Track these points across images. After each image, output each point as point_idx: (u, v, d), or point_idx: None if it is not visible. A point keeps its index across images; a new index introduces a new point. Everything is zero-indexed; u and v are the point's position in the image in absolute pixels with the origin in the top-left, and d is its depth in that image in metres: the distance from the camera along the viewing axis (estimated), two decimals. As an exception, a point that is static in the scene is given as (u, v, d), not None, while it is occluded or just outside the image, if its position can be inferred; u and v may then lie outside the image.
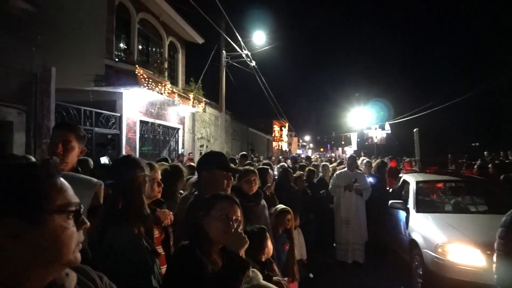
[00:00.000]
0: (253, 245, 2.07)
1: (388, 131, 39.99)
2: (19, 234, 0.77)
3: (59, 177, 0.87)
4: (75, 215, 0.86)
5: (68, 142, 2.07)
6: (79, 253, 0.88)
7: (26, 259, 0.79)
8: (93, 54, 8.46)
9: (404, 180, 6.75)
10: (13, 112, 5.53)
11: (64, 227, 0.83)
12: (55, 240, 0.81)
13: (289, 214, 3.65)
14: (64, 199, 0.84)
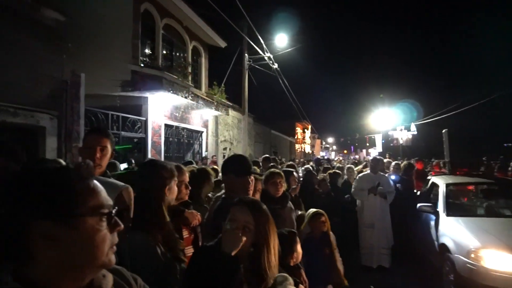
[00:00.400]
0: (282, 249, 2.06)
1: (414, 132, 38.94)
2: (54, 236, 0.79)
3: (93, 180, 0.88)
4: (108, 217, 0.86)
5: (104, 147, 2.15)
6: (113, 255, 0.89)
7: (61, 261, 0.80)
8: (120, 60, 8.70)
9: (433, 182, 6.54)
10: (46, 118, 5.76)
11: (97, 229, 0.83)
12: (88, 242, 0.82)
13: (323, 217, 3.56)
14: (97, 201, 0.85)
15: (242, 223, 1.57)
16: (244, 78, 14.31)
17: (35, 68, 5.61)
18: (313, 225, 3.53)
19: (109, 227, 0.87)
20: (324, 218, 3.56)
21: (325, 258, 3.40)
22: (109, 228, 0.87)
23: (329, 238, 3.52)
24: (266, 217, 1.64)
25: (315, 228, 3.53)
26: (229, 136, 16.15)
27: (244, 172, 2.31)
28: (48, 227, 0.78)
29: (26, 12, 5.46)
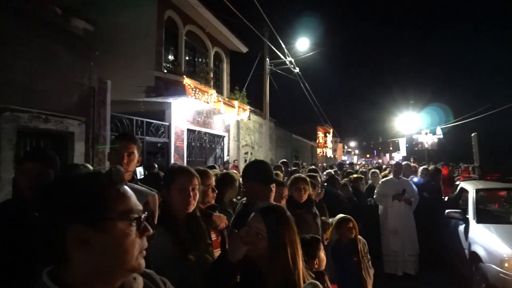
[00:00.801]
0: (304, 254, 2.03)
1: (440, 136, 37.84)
2: (86, 240, 0.81)
3: (123, 185, 0.90)
4: (138, 222, 0.88)
5: (132, 153, 2.20)
6: (143, 260, 0.90)
7: (93, 264, 0.82)
8: (144, 66, 8.91)
9: (462, 188, 6.32)
10: (75, 123, 5.95)
11: (127, 233, 0.85)
12: (118, 246, 0.84)
13: (350, 222, 3.43)
14: (126, 206, 0.87)
15: (254, 230, 1.54)
16: (265, 82, 14.34)
17: (64, 76, 5.82)
18: (340, 231, 3.44)
19: (139, 231, 0.88)
20: (351, 224, 3.44)
21: (353, 266, 3.30)
22: (139, 233, 0.88)
23: (357, 245, 3.39)
24: (282, 224, 1.57)
25: (342, 234, 3.43)
26: (251, 140, 16.19)
27: (265, 180, 2.27)
28: (81, 230, 0.81)
29: (57, 22, 5.68)
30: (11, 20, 4.93)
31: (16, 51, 4.99)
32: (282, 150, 22.65)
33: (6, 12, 4.85)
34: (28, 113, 5.09)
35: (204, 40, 12.44)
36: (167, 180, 1.98)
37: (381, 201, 6.01)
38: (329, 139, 46.27)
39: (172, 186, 1.93)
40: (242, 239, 1.52)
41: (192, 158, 10.90)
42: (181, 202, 1.90)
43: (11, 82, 4.92)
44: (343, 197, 5.77)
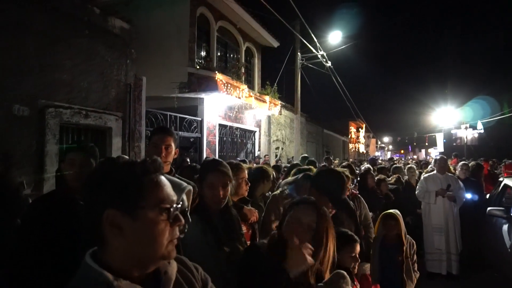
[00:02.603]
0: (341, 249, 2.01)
1: (481, 131, 35.93)
2: (119, 225, 0.86)
3: (158, 174, 0.93)
4: (169, 212, 0.90)
5: (169, 145, 2.26)
6: (174, 248, 0.93)
7: (126, 249, 0.87)
8: (177, 63, 9.10)
9: (505, 184, 5.98)
10: (112, 119, 6.20)
11: (157, 222, 0.88)
12: (147, 233, 0.87)
13: (394, 220, 3.27)
14: (159, 195, 0.90)
15: (306, 223, 1.60)
16: (297, 77, 14.21)
17: (103, 74, 6.07)
18: (385, 228, 3.33)
19: (170, 221, 0.91)
20: (395, 221, 3.27)
21: (396, 266, 3.18)
22: (169, 222, 0.91)
23: (402, 244, 3.24)
24: (327, 219, 1.68)
25: (387, 231, 3.32)
26: (282, 135, 16.15)
27: (335, 199, 2.25)
28: (115, 216, 0.85)
29: (96, 22, 5.92)
30: (53, 21, 5.19)
31: (58, 51, 5.26)
32: (313, 145, 22.42)
33: (49, 14, 5.11)
34: (70, 109, 5.36)
35: (235, 36, 12.51)
36: (200, 174, 2.04)
37: (423, 197, 5.80)
38: (362, 134, 45.26)
39: (203, 183, 2.00)
40: (309, 253, 1.55)
41: (224, 153, 11.03)
42: (211, 198, 1.97)
43: (55, 80, 5.19)
44: (378, 193, 5.62)
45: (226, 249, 1.85)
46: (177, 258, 1.06)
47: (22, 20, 4.73)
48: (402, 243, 3.24)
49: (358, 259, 2.19)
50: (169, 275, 0.96)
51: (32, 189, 4.65)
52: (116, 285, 0.82)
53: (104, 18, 6.14)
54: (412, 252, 3.38)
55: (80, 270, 0.87)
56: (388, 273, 3.18)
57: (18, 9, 4.71)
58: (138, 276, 0.89)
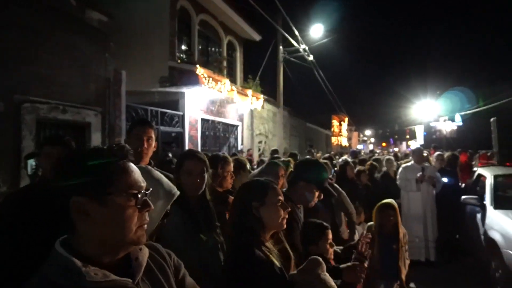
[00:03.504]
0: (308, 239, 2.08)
1: (459, 123, 36.88)
2: (87, 212, 0.87)
3: (126, 161, 0.94)
4: (137, 197, 0.91)
5: (151, 137, 2.26)
6: (144, 234, 0.94)
7: (95, 235, 0.88)
8: (158, 57, 8.98)
9: (479, 174, 6.21)
10: (91, 114, 6.09)
11: (124, 207, 0.89)
12: (115, 219, 0.88)
13: (390, 210, 3.34)
14: (126, 181, 0.91)
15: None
16: (279, 71, 14.26)
17: (81, 67, 5.94)
18: (380, 218, 3.39)
19: (138, 207, 0.92)
20: (394, 211, 3.35)
21: (392, 254, 3.28)
22: (138, 208, 0.92)
23: (398, 233, 3.33)
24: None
25: (382, 221, 3.38)
26: (264, 129, 16.20)
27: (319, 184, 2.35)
28: (82, 202, 0.86)
29: (73, 14, 5.78)
30: (29, 13, 5.04)
31: (34, 44, 5.12)
32: (296, 139, 22.58)
33: (24, 6, 4.96)
34: (47, 104, 5.24)
35: (217, 29, 12.42)
36: (177, 163, 2.07)
37: (405, 186, 5.96)
38: (344, 127, 45.79)
39: (181, 170, 2.03)
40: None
41: (206, 147, 11.00)
42: (190, 185, 1.99)
43: (31, 74, 5.06)
44: (358, 184, 5.74)
45: (204, 237, 1.88)
46: (149, 245, 1.08)
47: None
48: (398, 232, 3.33)
49: (333, 244, 2.26)
50: (140, 261, 0.97)
51: (9, 186, 4.55)
52: (85, 271, 0.83)
53: (81, 11, 6.00)
54: (405, 240, 3.50)
55: (49, 257, 0.88)
56: (386, 261, 3.27)
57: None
58: (108, 262, 0.90)
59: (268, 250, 1.59)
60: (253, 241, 1.57)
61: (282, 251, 1.68)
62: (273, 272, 1.52)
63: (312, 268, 1.63)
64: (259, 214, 1.61)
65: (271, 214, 1.64)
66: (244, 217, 1.62)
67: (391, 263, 3.28)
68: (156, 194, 1.35)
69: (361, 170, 5.92)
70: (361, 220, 4.56)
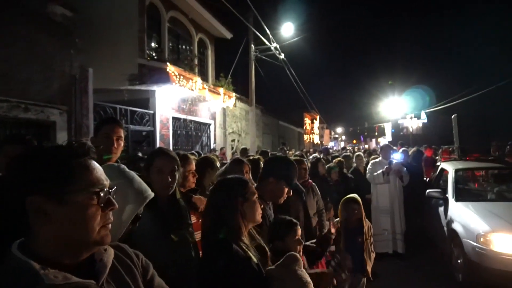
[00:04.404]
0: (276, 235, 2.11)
1: (424, 120, 38.39)
2: (46, 211, 0.83)
3: (87, 158, 0.90)
4: (100, 196, 0.88)
5: (120, 137, 2.19)
6: (108, 234, 0.91)
7: (55, 236, 0.84)
8: (127, 54, 8.76)
9: (442, 168, 6.50)
10: (56, 113, 5.86)
11: (86, 206, 0.86)
12: (76, 218, 0.85)
13: (355, 204, 3.46)
14: (88, 179, 0.88)
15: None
16: (251, 69, 14.27)
17: (44, 64, 5.70)
18: (346, 212, 3.49)
19: (101, 205, 0.89)
20: (358, 205, 3.47)
21: (357, 247, 3.38)
22: (101, 206, 0.89)
23: (363, 226, 3.44)
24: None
25: (347, 215, 3.48)
26: (237, 128, 16.18)
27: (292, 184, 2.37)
28: (40, 202, 0.82)
29: (34, 8, 5.53)
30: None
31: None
32: (269, 137, 22.72)
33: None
34: (6, 102, 5.00)
35: (187, 27, 12.27)
36: (147, 161, 2.02)
37: (373, 179, 6.13)
38: (316, 125, 46.56)
39: (151, 168, 1.97)
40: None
41: (178, 146, 10.86)
42: (160, 184, 1.94)
43: (-12, 70, 4.81)
44: (329, 180, 5.86)
45: (175, 238, 1.85)
46: (115, 245, 1.05)
47: None
48: (362, 226, 3.44)
49: (301, 241, 2.23)
50: (105, 262, 0.94)
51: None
52: (43, 274, 0.79)
53: (43, 5, 5.75)
54: (370, 233, 3.62)
55: (5, 261, 0.83)
56: (351, 254, 3.37)
57: None
58: (70, 264, 0.87)
59: (246, 246, 1.59)
60: (232, 237, 1.57)
61: (258, 247, 1.69)
62: (251, 268, 1.53)
63: (289, 263, 1.66)
64: (243, 210, 1.63)
65: (252, 209, 1.67)
66: (227, 213, 1.62)
67: (357, 255, 3.39)
68: (125, 196, 1.30)
69: (331, 167, 6.04)
70: (330, 216, 4.65)
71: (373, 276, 4.93)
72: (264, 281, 1.57)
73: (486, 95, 17.28)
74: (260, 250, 1.69)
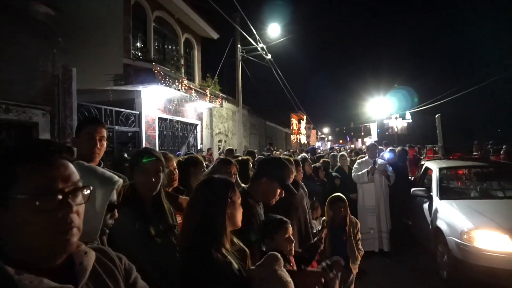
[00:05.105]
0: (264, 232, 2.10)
1: (409, 120, 39.03)
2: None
3: (34, 160, 0.85)
4: (52, 199, 0.83)
5: (103, 137, 2.13)
6: (72, 238, 0.85)
7: (14, 241, 0.82)
8: (112, 54, 8.62)
9: (426, 167, 6.61)
10: (38, 113, 5.73)
11: (35, 211, 0.81)
12: (21, 224, 0.80)
13: (341, 202, 3.54)
14: (37, 182, 0.83)
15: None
16: (238, 69, 14.24)
17: (26, 64, 5.56)
18: (332, 211, 3.55)
19: (55, 209, 0.83)
20: (344, 203, 3.55)
21: (344, 245, 3.43)
22: (56, 210, 0.83)
23: (346, 225, 3.51)
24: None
25: (334, 213, 3.54)
26: (224, 128, 16.13)
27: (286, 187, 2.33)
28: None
29: (15, 6, 5.40)
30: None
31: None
32: (256, 138, 22.73)
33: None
34: (-13, 102, 4.86)
35: (173, 27, 12.18)
36: (132, 161, 1.98)
37: (358, 179, 6.19)
38: (303, 125, 46.82)
39: (136, 168, 1.94)
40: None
41: (165, 147, 10.76)
42: (144, 184, 1.92)
43: (-33, 70, 4.66)
44: (316, 180, 5.89)
45: (159, 240, 1.82)
46: (97, 248, 1.03)
47: None
48: (346, 223, 3.52)
49: (292, 240, 2.23)
50: (85, 265, 0.91)
51: None
52: (17, 279, 0.76)
53: (26, 3, 5.61)
54: (355, 231, 3.68)
55: None
56: (337, 251, 3.40)
57: None
58: (48, 269, 0.84)
59: (227, 251, 1.57)
60: (213, 241, 1.53)
61: (238, 250, 1.67)
62: (231, 274, 1.51)
63: (270, 263, 1.65)
64: (230, 212, 1.61)
65: (236, 213, 1.64)
66: (215, 213, 1.58)
67: (342, 253, 3.44)
68: (92, 184, 1.27)
69: (318, 167, 6.07)
70: (317, 215, 4.68)
71: (360, 273, 5.01)
72: (246, 285, 1.55)
73: (469, 95, 17.70)
74: (240, 254, 1.67)
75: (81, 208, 0.90)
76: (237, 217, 1.65)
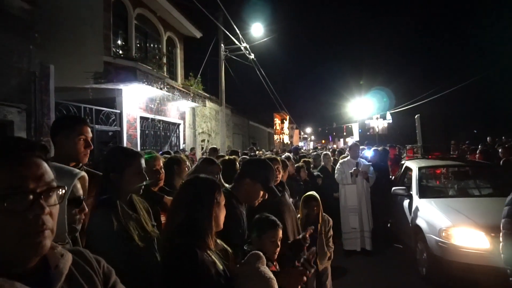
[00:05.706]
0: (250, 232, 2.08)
1: (389, 121, 39.81)
2: None
3: (8, 159, 0.81)
4: (15, 199, 0.78)
5: (91, 137, 2.06)
6: (41, 242, 0.81)
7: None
8: (91, 51, 8.42)
9: (406, 166, 6.74)
10: (14, 111, 5.53)
11: (3, 212, 0.77)
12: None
13: (314, 201, 3.65)
14: (6, 181, 0.78)
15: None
16: (221, 69, 14.18)
17: (1, 60, 5.37)
18: (307, 209, 3.63)
19: (24, 209, 0.79)
20: (316, 202, 3.64)
21: (316, 242, 3.45)
22: (27, 211, 0.79)
23: (318, 221, 3.60)
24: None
25: (308, 211, 3.62)
26: (207, 128, 16.03)
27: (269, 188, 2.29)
28: None
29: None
30: None
31: None
32: (239, 137, 22.70)
33: None
34: (-42, 100, 4.66)
35: (155, 25, 12.01)
36: (120, 162, 1.88)
37: (341, 179, 6.25)
38: (286, 125, 47.07)
39: (127, 170, 1.85)
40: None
41: (146, 146, 10.60)
42: (134, 185, 1.86)
43: None
44: (298, 179, 5.91)
45: (140, 243, 1.77)
46: (74, 251, 1.00)
47: None
48: (318, 219, 3.61)
49: (278, 244, 2.16)
50: (61, 268, 0.87)
51: None
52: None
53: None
54: (327, 228, 3.76)
55: None
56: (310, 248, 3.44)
57: None
58: (22, 272, 0.80)
59: (211, 251, 1.55)
60: (198, 242, 1.51)
61: (221, 250, 1.66)
62: (216, 274, 1.49)
63: (252, 261, 1.64)
64: (215, 213, 1.59)
65: (220, 214, 1.63)
66: (202, 213, 1.55)
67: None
68: (66, 187, 1.22)
69: (300, 166, 6.11)
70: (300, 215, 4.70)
71: (342, 272, 5.07)
72: (229, 285, 1.53)
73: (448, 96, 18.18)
74: (223, 254, 1.66)
75: (54, 209, 0.86)
76: (221, 218, 1.64)
